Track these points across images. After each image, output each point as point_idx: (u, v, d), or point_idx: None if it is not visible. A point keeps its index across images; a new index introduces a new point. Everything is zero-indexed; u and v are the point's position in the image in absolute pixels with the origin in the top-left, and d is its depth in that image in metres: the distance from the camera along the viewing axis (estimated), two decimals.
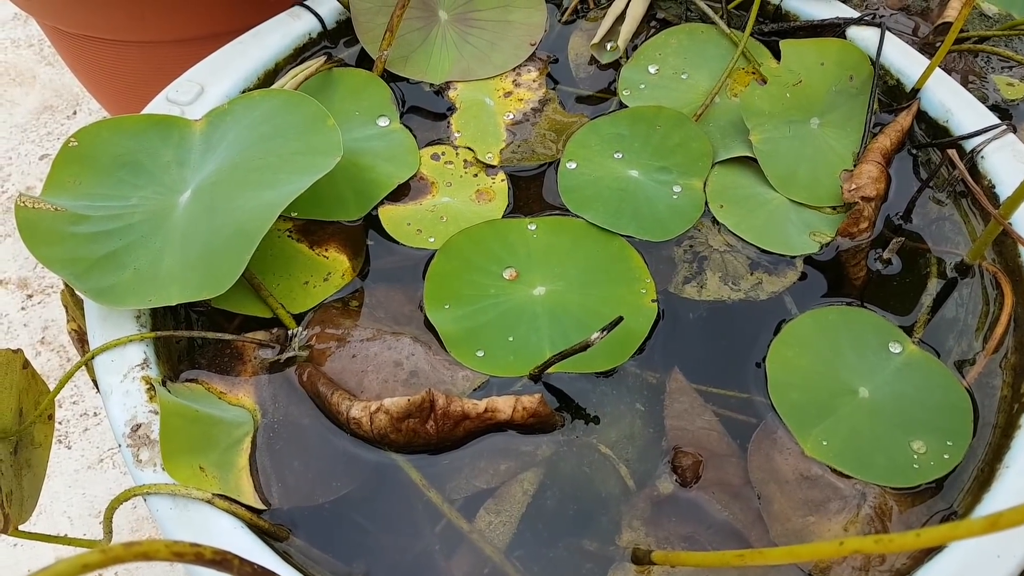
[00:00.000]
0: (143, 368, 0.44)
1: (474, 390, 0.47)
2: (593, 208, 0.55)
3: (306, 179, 0.47)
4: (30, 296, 0.94)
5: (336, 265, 0.52)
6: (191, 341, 0.49)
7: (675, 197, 0.55)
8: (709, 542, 0.41)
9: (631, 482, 0.44)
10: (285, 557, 0.39)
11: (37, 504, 0.62)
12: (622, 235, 0.54)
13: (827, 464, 0.43)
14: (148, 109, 0.57)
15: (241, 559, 0.27)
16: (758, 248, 0.53)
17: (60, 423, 0.83)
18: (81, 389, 0.86)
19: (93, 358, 0.46)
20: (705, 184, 0.56)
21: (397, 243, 0.53)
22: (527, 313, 0.50)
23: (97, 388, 0.46)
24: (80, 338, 0.54)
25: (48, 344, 0.90)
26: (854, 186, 0.53)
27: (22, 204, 0.48)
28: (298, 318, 0.50)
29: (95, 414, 0.84)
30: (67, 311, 0.55)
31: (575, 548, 0.42)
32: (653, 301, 0.51)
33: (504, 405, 0.45)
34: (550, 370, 0.47)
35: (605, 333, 0.44)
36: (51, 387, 0.50)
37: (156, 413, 0.42)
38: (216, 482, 0.41)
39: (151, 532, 0.75)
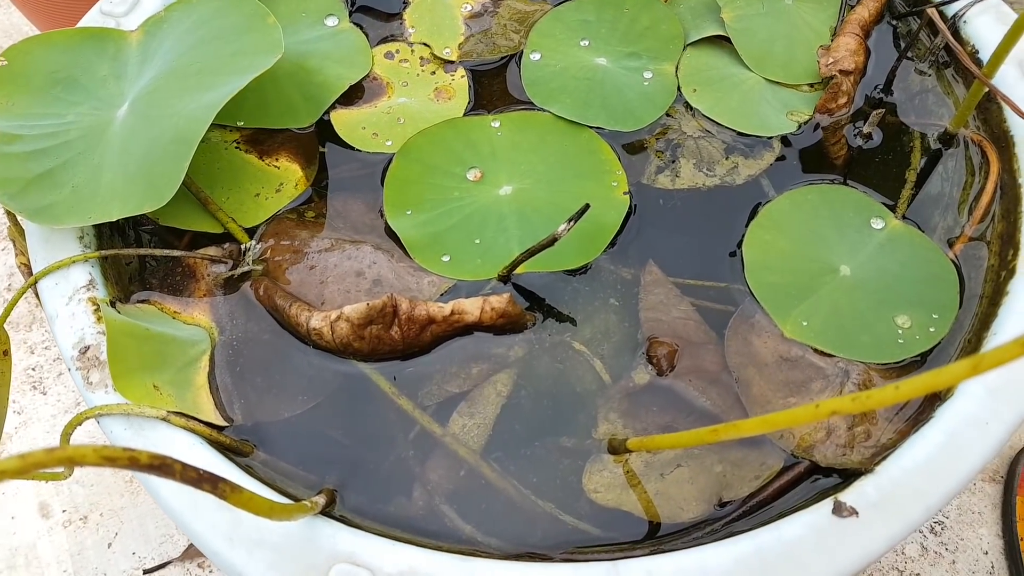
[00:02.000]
0: (89, 289, 0.42)
1: (441, 295, 0.45)
2: (560, 100, 0.52)
3: (245, 78, 0.43)
4: None
5: (288, 175, 0.49)
6: (142, 262, 0.47)
7: (646, 84, 0.52)
8: (688, 429, 0.39)
9: (607, 376, 0.42)
10: (248, 471, 0.38)
11: (1, 439, 0.61)
12: (591, 127, 0.51)
13: (808, 345, 0.42)
14: (82, 23, 0.53)
15: (184, 464, 0.26)
16: (734, 131, 0.50)
17: (34, 369, 0.81)
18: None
19: (36, 282, 0.43)
20: (677, 68, 0.53)
21: (353, 149, 0.50)
22: (494, 214, 0.48)
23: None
24: (30, 271, 0.51)
25: (15, 291, 0.87)
26: (831, 60, 0.50)
27: None
28: (251, 232, 0.47)
29: None
30: (15, 245, 0.52)
31: (552, 446, 0.40)
32: (625, 194, 0.48)
33: (471, 306, 0.43)
34: (520, 270, 0.45)
35: (572, 223, 0.42)
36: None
37: (104, 334, 0.40)
38: (172, 400, 0.39)
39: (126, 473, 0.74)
